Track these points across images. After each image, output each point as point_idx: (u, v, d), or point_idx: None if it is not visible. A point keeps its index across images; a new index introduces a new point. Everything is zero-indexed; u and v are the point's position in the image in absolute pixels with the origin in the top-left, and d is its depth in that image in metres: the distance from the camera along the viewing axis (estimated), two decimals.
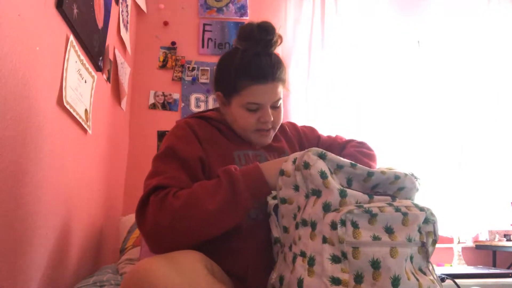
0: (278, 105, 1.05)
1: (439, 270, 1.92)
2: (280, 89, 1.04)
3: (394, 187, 0.84)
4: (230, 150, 1.03)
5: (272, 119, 1.03)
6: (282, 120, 1.11)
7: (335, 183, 0.77)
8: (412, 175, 0.86)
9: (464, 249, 2.48)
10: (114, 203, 2.10)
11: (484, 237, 2.53)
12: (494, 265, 2.44)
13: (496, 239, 2.44)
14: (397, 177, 0.82)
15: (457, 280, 1.06)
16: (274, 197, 0.88)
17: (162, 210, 0.83)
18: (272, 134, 1.08)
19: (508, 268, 2.41)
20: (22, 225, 1.03)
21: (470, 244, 2.53)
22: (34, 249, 1.11)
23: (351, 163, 0.80)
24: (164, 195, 0.86)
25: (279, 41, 1.05)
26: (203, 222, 0.83)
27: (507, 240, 2.42)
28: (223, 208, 0.82)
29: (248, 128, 1.05)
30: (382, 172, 0.82)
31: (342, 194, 0.75)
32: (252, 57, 1.01)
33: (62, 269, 1.33)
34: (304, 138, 1.20)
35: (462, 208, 2.45)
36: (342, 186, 0.78)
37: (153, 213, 0.84)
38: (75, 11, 1.32)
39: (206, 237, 0.86)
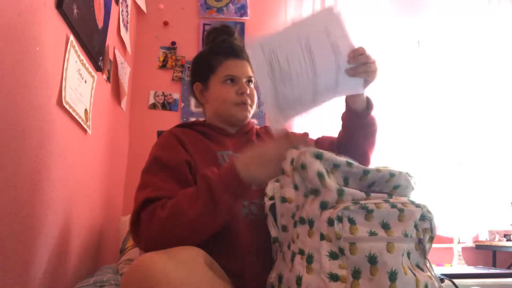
0: (252, 83, 1.16)
1: (439, 270, 1.92)
2: (250, 68, 1.15)
3: (390, 185, 0.84)
4: (214, 151, 1.07)
5: (248, 91, 1.12)
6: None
7: (332, 182, 0.78)
8: (407, 173, 0.86)
9: (464, 249, 2.48)
10: (114, 203, 2.10)
11: (484, 237, 2.53)
12: (494, 265, 2.44)
13: (496, 239, 2.44)
14: (392, 174, 0.83)
15: (457, 280, 1.07)
16: (271, 198, 0.88)
17: (151, 225, 0.86)
18: (250, 110, 1.15)
19: (508, 268, 2.41)
20: (22, 225, 1.03)
21: (470, 244, 2.53)
22: (34, 249, 1.11)
23: (347, 162, 0.81)
24: (153, 209, 0.88)
25: (239, 38, 1.22)
26: (189, 229, 0.85)
27: (507, 240, 2.42)
28: (204, 214, 0.84)
29: (228, 101, 1.12)
30: (378, 170, 0.82)
31: (340, 193, 0.77)
32: (222, 41, 1.19)
33: (62, 269, 1.33)
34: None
35: (462, 208, 2.45)
36: (339, 185, 0.79)
37: (144, 229, 0.87)
38: (75, 11, 1.32)
39: (196, 241, 0.86)
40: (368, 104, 1.06)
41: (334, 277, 0.71)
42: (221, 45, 1.18)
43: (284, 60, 0.84)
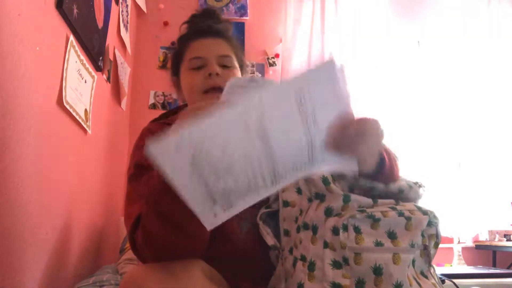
0: (229, 65, 0.95)
1: (439, 270, 1.92)
2: (227, 46, 0.97)
3: (397, 196, 0.82)
4: None
5: (217, 72, 0.91)
6: None
7: (338, 189, 0.76)
8: (416, 184, 0.83)
9: (464, 249, 2.48)
10: (114, 203, 2.10)
11: (484, 237, 2.53)
12: (494, 265, 2.44)
13: (496, 239, 2.44)
14: (401, 190, 0.80)
15: (457, 280, 1.06)
16: (267, 207, 0.86)
17: (143, 251, 0.74)
18: None
19: (508, 268, 2.41)
20: (22, 225, 1.03)
21: (470, 244, 2.53)
22: (34, 249, 1.11)
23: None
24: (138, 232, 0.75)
25: (228, 25, 1.04)
26: (166, 249, 0.71)
27: (507, 240, 2.42)
28: (162, 230, 0.69)
29: (195, 89, 0.93)
30: (386, 185, 0.79)
31: (346, 200, 0.74)
32: (192, 26, 1.03)
33: (62, 269, 1.33)
34: None
35: (462, 208, 2.45)
36: (344, 192, 0.76)
37: (141, 252, 0.75)
38: (75, 11, 1.32)
39: (193, 252, 0.74)
40: (381, 163, 0.75)
41: (336, 286, 0.70)
42: (191, 28, 1.03)
43: (215, 149, 0.58)
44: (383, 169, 0.75)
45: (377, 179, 0.77)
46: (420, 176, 0.87)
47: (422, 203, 0.82)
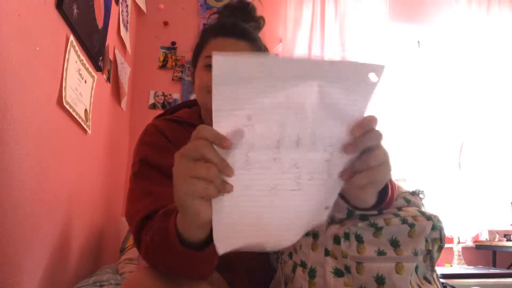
0: None
1: (439, 271, 1.92)
2: (248, 50, 0.90)
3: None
4: None
5: None
6: None
7: (343, 201, 0.74)
8: (415, 193, 0.82)
9: (464, 249, 2.48)
10: (114, 203, 2.10)
11: (484, 237, 2.53)
12: (494, 265, 2.44)
13: (496, 239, 2.44)
14: (398, 208, 0.79)
15: (457, 280, 1.06)
16: None
17: (150, 256, 0.69)
18: None
19: (508, 268, 2.41)
20: (22, 225, 1.03)
21: (470, 244, 2.53)
22: (34, 249, 1.11)
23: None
24: (145, 234, 0.70)
25: (261, 22, 1.01)
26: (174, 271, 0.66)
27: (507, 240, 2.42)
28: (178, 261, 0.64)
29: (202, 88, 0.88)
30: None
31: (350, 213, 0.73)
32: (220, 17, 0.98)
33: (62, 269, 1.33)
34: None
35: (462, 208, 2.45)
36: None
37: (145, 254, 0.70)
38: (75, 11, 1.32)
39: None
40: (382, 196, 0.66)
41: None
42: (217, 21, 0.98)
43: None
44: (380, 204, 0.67)
45: (370, 210, 0.69)
46: (420, 176, 0.86)
47: (430, 209, 0.80)
